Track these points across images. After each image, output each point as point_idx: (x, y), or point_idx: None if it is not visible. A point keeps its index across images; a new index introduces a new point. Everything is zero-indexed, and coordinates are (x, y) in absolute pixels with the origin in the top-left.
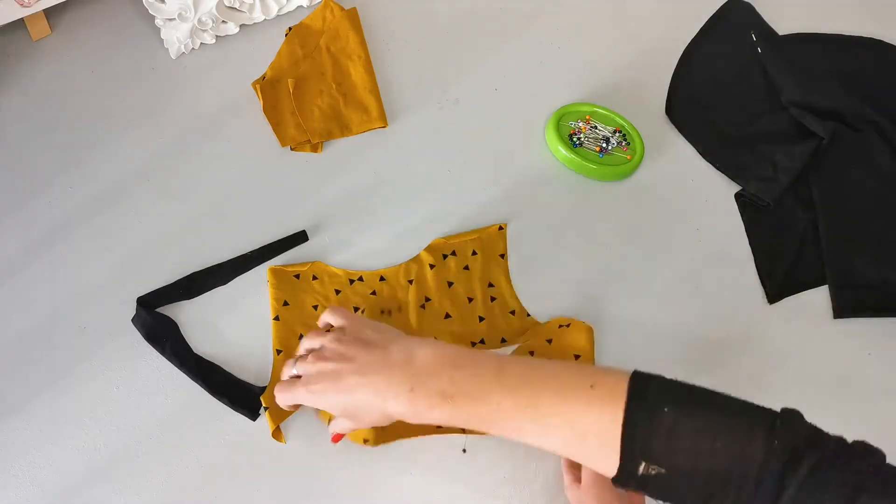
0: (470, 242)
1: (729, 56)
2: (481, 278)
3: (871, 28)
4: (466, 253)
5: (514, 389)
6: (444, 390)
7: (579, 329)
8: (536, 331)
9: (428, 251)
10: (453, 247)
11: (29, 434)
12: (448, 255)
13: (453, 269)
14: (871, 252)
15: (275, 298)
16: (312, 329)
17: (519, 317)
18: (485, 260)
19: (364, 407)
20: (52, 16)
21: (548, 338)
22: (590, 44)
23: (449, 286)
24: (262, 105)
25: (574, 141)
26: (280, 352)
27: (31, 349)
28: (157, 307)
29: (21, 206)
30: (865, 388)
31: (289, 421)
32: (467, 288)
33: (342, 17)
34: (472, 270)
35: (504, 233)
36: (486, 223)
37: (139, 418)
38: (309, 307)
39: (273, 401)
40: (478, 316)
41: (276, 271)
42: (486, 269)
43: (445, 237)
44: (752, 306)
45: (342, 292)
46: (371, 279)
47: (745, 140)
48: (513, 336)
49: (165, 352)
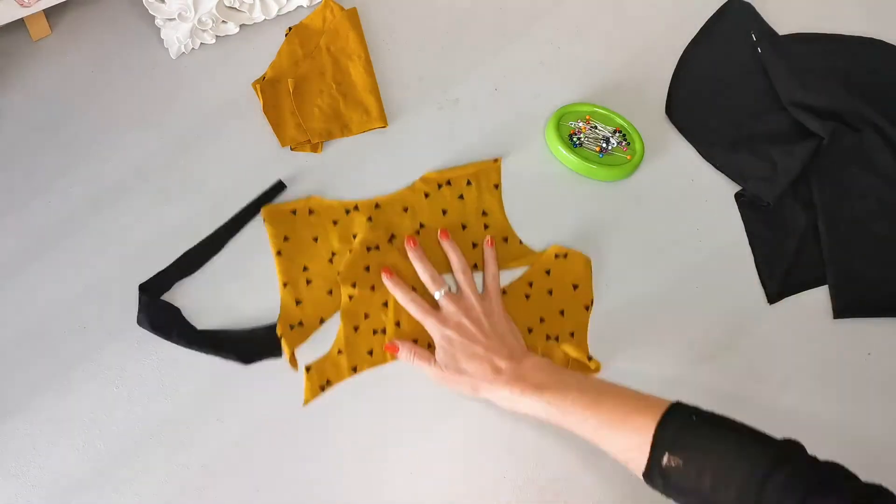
0: (464, 175)
1: (729, 56)
2: (475, 207)
3: (871, 28)
4: (461, 184)
5: (585, 390)
6: (539, 383)
7: (577, 259)
8: (534, 261)
9: (423, 181)
10: (448, 178)
11: (29, 434)
12: (443, 185)
13: (448, 197)
14: (871, 252)
15: (274, 235)
16: (317, 259)
17: (512, 244)
18: (479, 190)
19: (470, 370)
20: (52, 16)
21: (546, 269)
22: (590, 44)
23: (443, 214)
24: (262, 105)
25: (574, 141)
26: (286, 284)
27: (31, 349)
28: (161, 293)
29: (21, 206)
30: (866, 388)
31: (292, 427)
32: (461, 216)
33: (342, 16)
34: (466, 200)
35: (498, 165)
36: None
37: (139, 418)
38: (309, 239)
39: (286, 329)
40: (471, 242)
41: (272, 210)
42: (480, 199)
43: (439, 170)
44: (752, 306)
45: (339, 222)
46: (366, 208)
47: (744, 140)
48: (506, 262)
49: (172, 337)
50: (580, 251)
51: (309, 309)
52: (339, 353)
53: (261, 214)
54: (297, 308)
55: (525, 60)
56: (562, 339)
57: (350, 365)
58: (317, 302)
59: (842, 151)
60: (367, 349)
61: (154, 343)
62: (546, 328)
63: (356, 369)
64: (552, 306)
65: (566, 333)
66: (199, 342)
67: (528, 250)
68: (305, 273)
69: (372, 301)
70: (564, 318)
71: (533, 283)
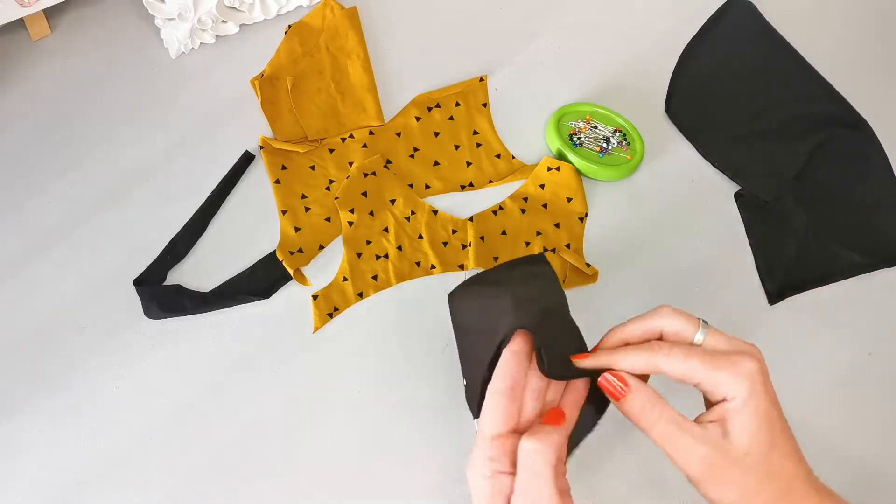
0: (452, 95)
1: (729, 55)
2: (466, 126)
3: (871, 27)
4: (450, 105)
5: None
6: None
7: (569, 172)
8: (527, 174)
9: (412, 105)
10: (437, 100)
11: (29, 434)
12: (432, 107)
13: (438, 119)
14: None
15: (271, 164)
16: (314, 186)
17: (504, 159)
18: (468, 110)
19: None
20: (52, 16)
21: (540, 183)
22: (590, 44)
23: (435, 136)
24: (259, 101)
25: (574, 141)
26: (285, 212)
27: (31, 349)
28: (159, 283)
29: (21, 206)
30: (866, 389)
31: (293, 427)
32: (453, 136)
33: (342, 15)
34: (456, 120)
35: (485, 84)
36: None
37: (140, 418)
38: (306, 167)
39: (286, 255)
40: (465, 161)
41: (269, 140)
42: (470, 118)
43: (428, 92)
44: (752, 306)
45: (336, 150)
46: (361, 134)
47: (744, 139)
48: (499, 177)
49: (188, 310)
50: (570, 166)
51: (308, 235)
52: (343, 281)
53: (258, 142)
54: (296, 235)
55: (525, 60)
56: (559, 250)
57: (355, 291)
58: (315, 228)
59: (842, 151)
60: (371, 274)
61: (154, 343)
62: (543, 241)
63: (362, 295)
64: (548, 219)
65: (562, 245)
66: (214, 302)
67: (521, 164)
68: (303, 201)
69: (372, 227)
70: (560, 230)
71: (528, 197)
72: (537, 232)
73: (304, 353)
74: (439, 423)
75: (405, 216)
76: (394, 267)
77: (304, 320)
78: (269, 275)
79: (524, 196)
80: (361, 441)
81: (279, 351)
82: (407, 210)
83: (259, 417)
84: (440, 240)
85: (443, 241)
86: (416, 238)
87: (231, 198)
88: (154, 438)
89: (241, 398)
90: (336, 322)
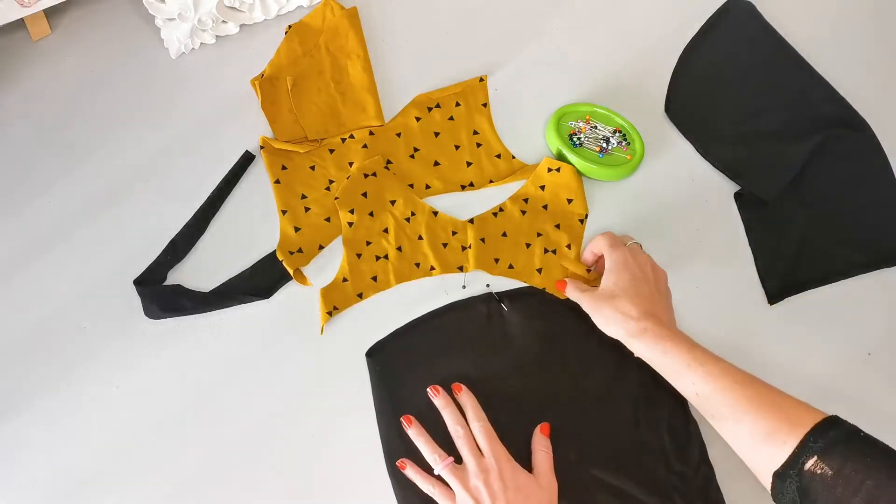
0: (453, 95)
1: (729, 55)
2: (466, 127)
3: (871, 27)
4: (450, 105)
5: (737, 371)
6: (691, 345)
7: (569, 173)
8: (528, 175)
9: (412, 105)
10: (437, 100)
11: (29, 434)
12: (432, 107)
13: (438, 120)
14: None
15: (271, 164)
16: (314, 187)
17: (505, 159)
18: (468, 110)
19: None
20: (52, 16)
21: (540, 184)
22: (590, 44)
23: (435, 136)
24: (259, 101)
25: (574, 141)
26: (285, 212)
27: (31, 349)
28: (159, 283)
29: (21, 206)
30: (866, 389)
31: (294, 425)
32: (453, 136)
33: (342, 16)
34: (456, 120)
35: (485, 84)
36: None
37: (140, 418)
38: (306, 167)
39: (286, 255)
40: (465, 161)
41: (269, 140)
42: (470, 118)
43: (428, 92)
44: (752, 306)
45: (336, 150)
46: (361, 135)
47: (744, 139)
48: (499, 177)
49: (188, 310)
50: (570, 168)
51: (308, 235)
52: (343, 281)
53: (258, 142)
54: (296, 235)
55: (525, 60)
56: (559, 251)
57: (355, 291)
58: (315, 229)
59: (842, 151)
60: (370, 275)
61: (154, 343)
62: (543, 242)
63: (361, 296)
64: (548, 220)
65: (563, 246)
66: (214, 302)
67: (521, 164)
68: (303, 201)
69: (372, 227)
70: (561, 231)
71: (528, 198)
72: (538, 233)
73: (304, 353)
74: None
75: (405, 217)
76: (393, 268)
77: (304, 320)
78: (269, 275)
79: (524, 197)
80: (361, 441)
81: (279, 351)
82: (407, 211)
83: (259, 417)
84: (440, 241)
85: (443, 242)
86: (415, 239)
87: (231, 198)
88: (154, 438)
89: (242, 398)
90: (336, 322)
